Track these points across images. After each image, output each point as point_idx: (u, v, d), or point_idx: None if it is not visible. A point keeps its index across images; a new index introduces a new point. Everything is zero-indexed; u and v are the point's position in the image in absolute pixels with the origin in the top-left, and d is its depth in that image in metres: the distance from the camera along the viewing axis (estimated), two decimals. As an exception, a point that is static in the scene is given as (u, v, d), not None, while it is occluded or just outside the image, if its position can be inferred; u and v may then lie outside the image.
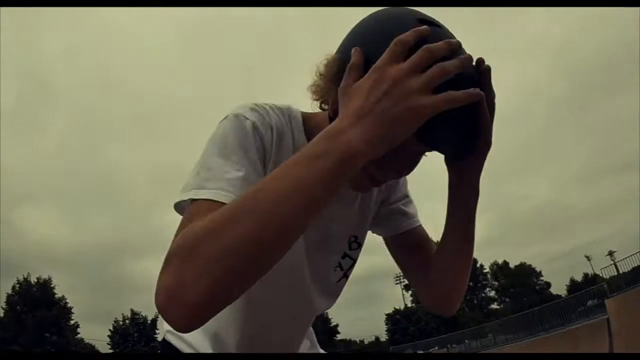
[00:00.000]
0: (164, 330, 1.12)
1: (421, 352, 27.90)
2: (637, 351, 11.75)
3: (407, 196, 1.11)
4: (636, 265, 16.94)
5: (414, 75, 0.62)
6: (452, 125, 0.70)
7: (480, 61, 0.74)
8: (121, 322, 35.92)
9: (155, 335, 34.56)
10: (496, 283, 57.27)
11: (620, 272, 17.58)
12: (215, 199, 0.70)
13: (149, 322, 35.89)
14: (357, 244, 1.08)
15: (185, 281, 0.57)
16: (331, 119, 0.79)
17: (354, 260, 1.09)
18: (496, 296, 56.31)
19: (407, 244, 1.06)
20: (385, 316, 49.00)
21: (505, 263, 57.87)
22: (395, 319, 45.02)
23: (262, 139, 0.82)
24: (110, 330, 36.35)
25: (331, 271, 1.06)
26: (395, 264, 1.11)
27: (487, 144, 0.79)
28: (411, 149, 0.75)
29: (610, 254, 19.69)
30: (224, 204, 0.68)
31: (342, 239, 1.05)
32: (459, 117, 0.68)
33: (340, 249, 1.06)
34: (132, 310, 36.71)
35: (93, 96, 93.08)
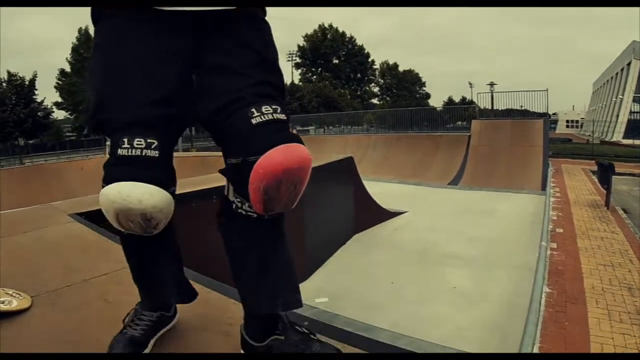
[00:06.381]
0: None
1: (299, 128, 29.52)
2: (482, 162, 13.89)
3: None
4: (510, 107, 18.81)
5: None
6: None
7: None
8: (-3, 86, 32.32)
9: (34, 96, 32.69)
10: (382, 81, 60.48)
11: (495, 107, 19.37)
12: None
13: (26, 83, 32.83)
14: None
15: None
16: None
17: None
18: (379, 93, 60.03)
19: None
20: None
21: (395, 65, 60.40)
22: (280, 92, 46.13)
23: None
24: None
25: None
26: (291, 42, 0.94)
27: None
28: None
29: (491, 84, 21.15)
30: None
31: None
32: None
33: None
34: (8, 72, 32.93)
35: None
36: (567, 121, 64.32)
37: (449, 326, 4.64)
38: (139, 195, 1.01)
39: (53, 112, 35.68)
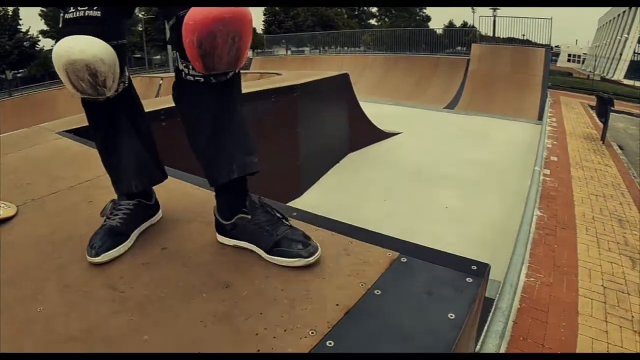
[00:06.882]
0: None
1: (294, 48, 28.39)
2: (480, 87, 13.62)
3: None
4: (512, 37, 18.03)
5: None
6: None
7: None
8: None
9: (19, 26, 31.03)
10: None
11: (496, 34, 18.49)
12: None
13: (10, 13, 30.55)
14: None
15: None
16: None
17: None
18: (377, 13, 57.54)
19: None
20: (263, 10, 47.37)
21: (396, -17, 57.49)
22: (274, 12, 44.05)
23: None
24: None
25: None
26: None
27: None
28: None
29: (494, 9, 20.09)
30: None
31: None
32: None
33: None
34: (-8, 3, 30.45)
35: None
36: (569, 55, 62.88)
37: (439, 243, 4.58)
38: (81, 45, 1.07)
39: (39, 40, 34.16)
